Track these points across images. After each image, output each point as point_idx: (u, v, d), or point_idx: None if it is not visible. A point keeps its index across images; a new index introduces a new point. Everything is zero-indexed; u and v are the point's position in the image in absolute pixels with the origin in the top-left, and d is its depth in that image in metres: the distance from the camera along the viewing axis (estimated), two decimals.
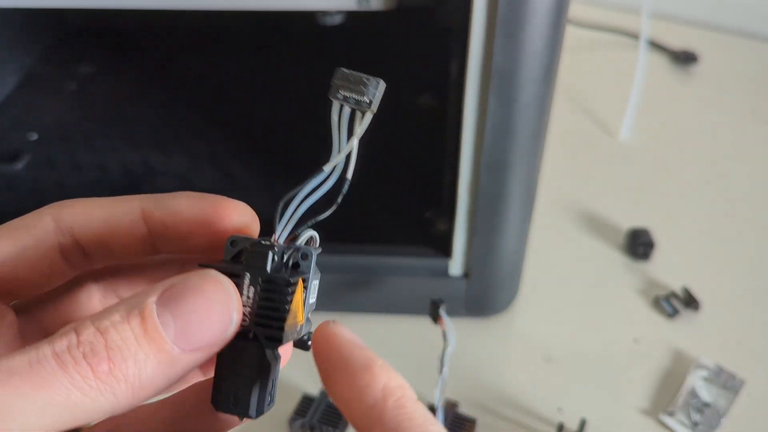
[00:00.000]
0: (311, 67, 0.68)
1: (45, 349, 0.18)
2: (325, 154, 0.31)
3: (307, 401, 0.45)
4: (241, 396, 0.21)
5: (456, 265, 0.49)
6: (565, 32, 0.39)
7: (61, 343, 0.18)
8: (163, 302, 0.20)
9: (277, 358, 0.22)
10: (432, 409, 0.44)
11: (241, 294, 0.21)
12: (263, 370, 0.21)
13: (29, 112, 0.63)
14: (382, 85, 0.23)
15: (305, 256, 0.22)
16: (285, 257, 0.22)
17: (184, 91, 0.66)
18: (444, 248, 0.49)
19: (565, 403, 0.47)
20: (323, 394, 0.45)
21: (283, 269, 0.22)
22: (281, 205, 0.22)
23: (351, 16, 0.45)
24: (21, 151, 0.59)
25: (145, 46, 0.72)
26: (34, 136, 0.60)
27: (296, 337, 0.22)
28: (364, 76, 0.23)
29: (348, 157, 0.23)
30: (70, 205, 0.25)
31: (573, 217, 0.62)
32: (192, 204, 0.24)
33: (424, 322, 0.44)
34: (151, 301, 0.20)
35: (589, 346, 0.51)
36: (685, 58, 0.81)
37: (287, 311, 0.21)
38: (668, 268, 0.57)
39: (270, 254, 0.21)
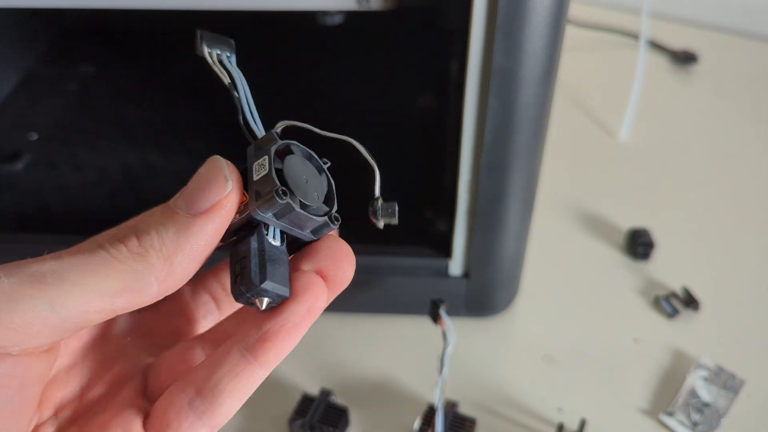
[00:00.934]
0: (311, 67, 0.68)
1: (93, 245, 0.24)
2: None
3: (307, 401, 0.45)
4: (244, 275, 0.25)
5: (456, 265, 0.49)
6: (565, 32, 0.39)
7: (104, 237, 0.24)
8: (180, 195, 0.25)
9: (273, 235, 0.26)
10: (432, 409, 0.44)
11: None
12: (244, 245, 0.25)
13: (29, 112, 0.63)
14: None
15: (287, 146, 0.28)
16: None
17: (184, 91, 0.66)
18: (444, 248, 0.49)
19: (565, 403, 0.47)
20: (323, 394, 0.45)
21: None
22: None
23: (351, 16, 0.45)
24: (21, 151, 0.59)
25: (145, 46, 0.72)
26: (34, 136, 0.60)
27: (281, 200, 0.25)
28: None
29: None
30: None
31: (573, 217, 0.62)
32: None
33: (424, 322, 0.44)
34: (181, 198, 0.25)
35: (589, 346, 0.51)
36: (685, 58, 0.81)
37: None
38: (668, 268, 0.57)
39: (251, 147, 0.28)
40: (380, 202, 0.28)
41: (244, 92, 0.28)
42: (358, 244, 0.50)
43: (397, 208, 0.28)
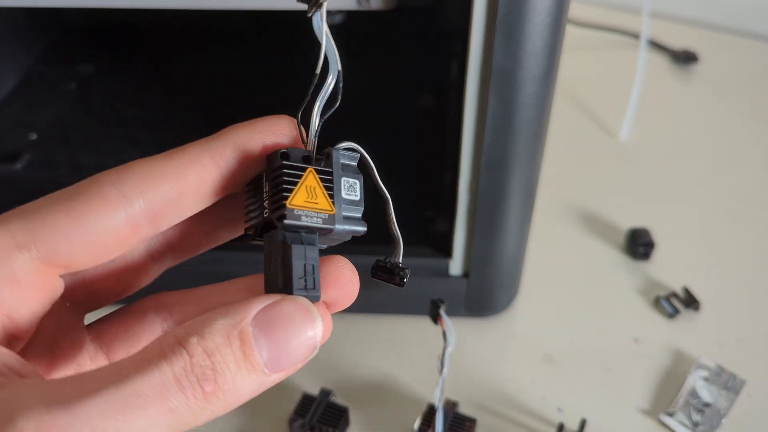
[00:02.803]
0: (311, 67, 0.68)
1: (166, 371, 0.20)
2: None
3: (307, 401, 0.45)
4: (272, 280, 0.23)
5: (456, 265, 0.49)
6: (565, 32, 0.39)
7: (178, 365, 0.20)
8: (259, 326, 0.21)
9: (309, 243, 0.24)
10: (432, 409, 0.44)
11: (264, 193, 0.24)
12: (285, 252, 0.23)
13: (29, 112, 0.63)
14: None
15: (328, 155, 0.25)
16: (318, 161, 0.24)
17: (184, 91, 0.66)
18: (444, 248, 0.49)
19: (565, 403, 0.47)
20: (323, 394, 0.45)
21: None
22: (298, 121, 0.25)
23: (351, 16, 0.45)
24: (21, 151, 0.59)
25: (145, 45, 0.72)
26: (34, 136, 0.60)
27: (319, 224, 0.24)
28: None
29: (331, 52, 0.26)
30: (128, 168, 0.23)
31: (573, 217, 0.62)
32: (251, 138, 0.24)
33: (424, 322, 0.44)
34: (249, 324, 0.21)
35: (589, 346, 0.51)
36: (685, 58, 0.81)
37: (284, 189, 0.23)
38: (668, 268, 0.57)
39: (278, 154, 0.24)
40: (406, 272, 0.28)
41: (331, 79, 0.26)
42: (358, 244, 0.50)
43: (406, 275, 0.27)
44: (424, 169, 0.55)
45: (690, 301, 0.53)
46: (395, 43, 0.67)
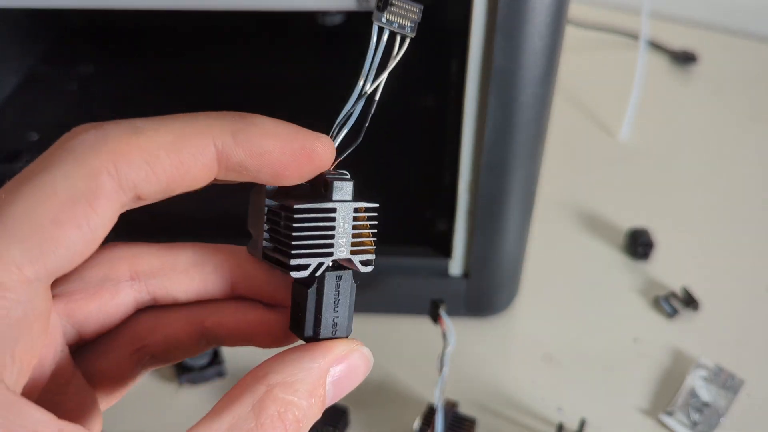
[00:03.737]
0: (311, 67, 0.68)
1: None
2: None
3: None
4: (339, 328, 0.23)
5: (456, 265, 0.49)
6: (565, 32, 0.39)
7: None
8: (334, 381, 0.23)
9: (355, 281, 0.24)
10: (432, 409, 0.44)
11: (336, 228, 0.23)
12: (354, 294, 0.23)
13: (29, 112, 0.63)
14: (421, 10, 0.24)
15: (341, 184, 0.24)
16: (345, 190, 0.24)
17: (184, 91, 0.66)
18: (444, 248, 0.49)
19: (564, 403, 0.47)
20: None
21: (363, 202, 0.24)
22: (335, 145, 0.24)
23: (351, 16, 0.45)
24: (21, 151, 0.59)
25: (145, 45, 0.72)
26: (34, 136, 0.60)
27: (371, 268, 0.24)
28: (409, 1, 0.23)
29: (379, 80, 0.24)
30: (126, 153, 0.20)
31: (573, 217, 0.62)
32: (283, 146, 0.22)
33: (424, 322, 0.44)
34: (329, 384, 0.22)
35: (589, 346, 0.51)
36: (684, 59, 0.81)
37: (371, 234, 0.23)
38: (668, 268, 0.57)
39: (352, 185, 0.23)
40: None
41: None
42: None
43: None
44: (424, 169, 0.55)
45: (689, 301, 0.53)
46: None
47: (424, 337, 0.51)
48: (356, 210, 0.23)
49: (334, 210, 0.22)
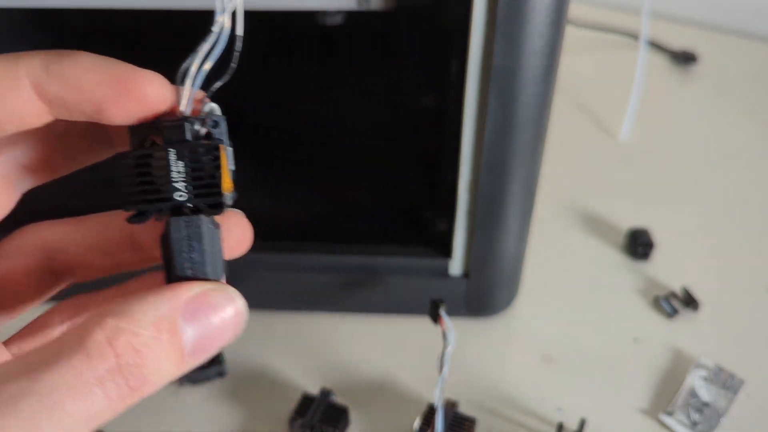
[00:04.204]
0: (311, 67, 0.68)
1: (86, 374, 0.19)
2: (325, 154, 0.31)
3: (307, 401, 0.45)
4: (197, 270, 0.22)
5: (456, 265, 0.49)
6: (565, 32, 0.39)
7: (102, 366, 0.19)
8: (187, 317, 0.21)
9: (216, 223, 0.22)
10: (432, 408, 0.44)
11: (171, 170, 0.21)
12: (212, 237, 0.22)
13: None
14: None
15: (216, 124, 0.22)
16: (198, 129, 0.22)
17: None
18: (444, 248, 0.49)
19: (565, 403, 0.47)
20: (323, 394, 0.45)
21: (204, 141, 0.22)
22: (179, 75, 0.22)
23: (351, 16, 0.45)
24: None
25: (144, 46, 0.72)
26: None
27: (231, 203, 0.23)
28: None
29: (234, 12, 0.23)
30: None
31: (573, 217, 0.62)
32: (99, 78, 0.22)
33: (424, 322, 0.44)
34: (179, 317, 0.20)
35: (589, 346, 0.51)
36: (685, 58, 0.81)
37: (221, 174, 0.22)
38: (668, 268, 0.57)
39: (186, 125, 0.22)
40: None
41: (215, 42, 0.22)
42: (358, 244, 0.50)
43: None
44: (424, 169, 0.55)
45: (689, 301, 0.53)
46: (395, 43, 0.67)
47: (424, 337, 0.51)
48: (195, 152, 0.22)
49: (163, 154, 0.21)
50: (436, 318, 0.43)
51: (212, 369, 0.48)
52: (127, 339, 0.19)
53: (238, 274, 0.51)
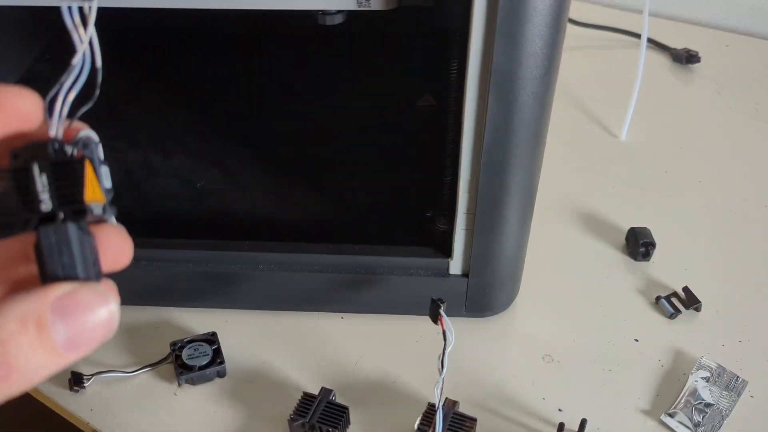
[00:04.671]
0: (311, 67, 0.68)
1: None
2: (325, 154, 0.31)
3: (307, 401, 0.45)
4: (68, 272, 0.23)
5: (456, 264, 0.49)
6: (565, 32, 0.39)
7: None
8: (56, 312, 0.22)
9: (86, 231, 0.24)
10: (432, 408, 0.44)
11: (35, 184, 0.23)
12: (81, 243, 0.24)
13: None
14: None
15: (86, 145, 0.25)
16: (67, 150, 0.24)
17: (184, 91, 0.66)
18: (444, 248, 0.49)
19: (565, 403, 0.47)
20: (324, 393, 0.45)
21: (68, 157, 0.24)
22: (46, 104, 0.25)
23: (351, 16, 0.45)
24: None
25: (144, 45, 0.72)
26: None
27: (102, 214, 0.24)
28: None
29: (91, 46, 0.25)
30: None
31: (573, 217, 0.61)
32: None
33: (424, 322, 0.44)
34: (47, 312, 0.22)
35: (589, 346, 0.51)
36: (686, 58, 0.81)
37: (84, 184, 0.23)
38: (669, 268, 0.56)
39: (49, 144, 0.24)
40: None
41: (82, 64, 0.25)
42: (358, 244, 0.50)
43: None
44: (424, 169, 0.55)
45: (691, 301, 0.53)
46: (395, 43, 0.67)
47: (424, 337, 0.51)
48: (57, 164, 0.23)
49: (24, 172, 0.23)
50: (436, 318, 0.43)
51: (212, 369, 0.48)
52: None
53: (238, 273, 0.51)
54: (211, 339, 0.49)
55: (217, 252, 0.50)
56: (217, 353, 0.48)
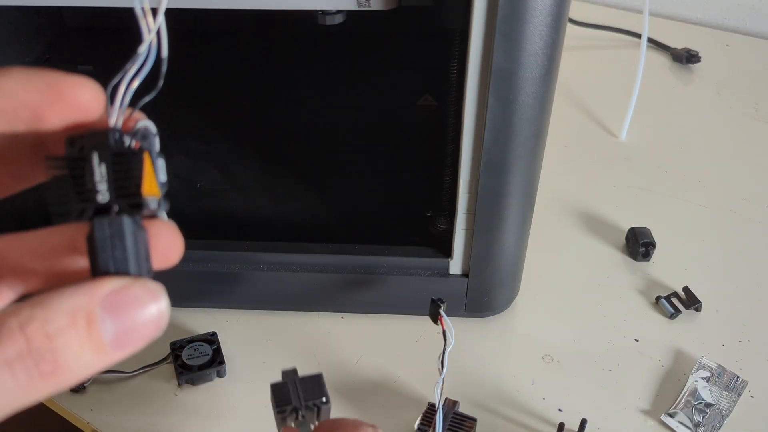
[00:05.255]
0: (311, 67, 0.68)
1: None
2: (325, 154, 0.31)
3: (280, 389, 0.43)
4: (120, 267, 0.23)
5: (456, 264, 0.49)
6: (565, 32, 0.39)
7: (11, 349, 0.19)
8: (106, 308, 0.21)
9: (140, 225, 0.24)
10: (432, 408, 0.44)
11: (93, 174, 0.23)
12: (135, 238, 0.23)
13: None
14: None
15: (144, 137, 0.24)
16: (126, 140, 0.24)
17: (184, 91, 0.66)
18: (444, 248, 0.49)
19: (565, 403, 0.47)
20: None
21: (128, 148, 0.24)
22: (108, 92, 0.24)
23: (351, 16, 0.45)
24: None
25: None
26: None
27: (156, 209, 0.24)
28: None
29: (159, 35, 0.24)
30: None
31: (573, 217, 0.61)
32: (25, 86, 0.23)
33: (424, 322, 0.44)
34: (97, 307, 0.21)
35: (589, 346, 0.51)
36: (686, 57, 0.81)
37: (142, 177, 0.23)
38: (669, 268, 0.56)
39: (110, 133, 0.23)
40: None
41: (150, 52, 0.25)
42: (358, 244, 0.50)
43: None
44: (424, 168, 0.55)
45: (691, 301, 0.53)
46: (395, 43, 0.67)
47: (424, 336, 0.51)
48: (118, 155, 0.23)
49: (84, 159, 0.23)
50: (436, 317, 0.43)
51: (212, 369, 0.48)
52: (39, 325, 0.20)
53: (238, 274, 0.51)
54: (211, 339, 0.49)
55: (216, 252, 0.50)
56: (217, 353, 0.48)
